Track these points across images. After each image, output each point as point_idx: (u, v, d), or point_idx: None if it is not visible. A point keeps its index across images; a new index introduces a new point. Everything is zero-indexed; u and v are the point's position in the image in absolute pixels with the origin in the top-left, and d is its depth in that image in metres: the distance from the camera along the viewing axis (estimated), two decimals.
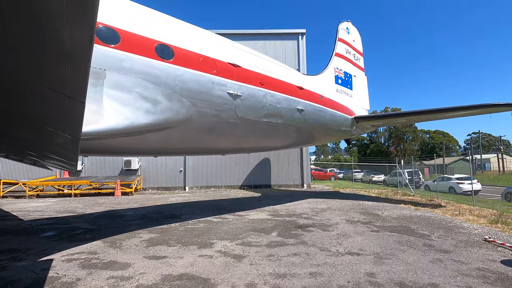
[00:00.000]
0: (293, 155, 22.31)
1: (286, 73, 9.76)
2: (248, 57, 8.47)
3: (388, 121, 14.82)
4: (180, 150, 8.67)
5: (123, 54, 5.76)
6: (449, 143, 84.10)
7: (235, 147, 9.65)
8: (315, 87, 11.35)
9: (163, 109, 6.49)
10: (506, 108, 10.94)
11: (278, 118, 9.27)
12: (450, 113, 12.23)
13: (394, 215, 9.56)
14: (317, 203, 12.90)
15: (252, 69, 8.33)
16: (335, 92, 14.50)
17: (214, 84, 7.25)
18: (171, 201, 14.48)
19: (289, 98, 9.50)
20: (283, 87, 9.34)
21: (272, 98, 8.86)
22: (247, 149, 10.60)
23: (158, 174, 21.84)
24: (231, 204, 13.05)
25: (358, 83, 16.70)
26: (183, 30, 7.12)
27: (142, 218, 9.78)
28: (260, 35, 23.22)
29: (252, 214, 10.18)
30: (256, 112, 8.47)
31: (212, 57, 7.32)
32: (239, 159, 22.04)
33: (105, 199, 15.73)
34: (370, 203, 12.81)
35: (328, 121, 11.81)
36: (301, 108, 10.00)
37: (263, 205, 12.28)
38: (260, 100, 8.47)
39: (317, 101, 10.93)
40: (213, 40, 7.78)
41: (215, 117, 7.55)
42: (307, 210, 10.78)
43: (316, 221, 8.76)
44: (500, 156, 53.68)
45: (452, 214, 9.92)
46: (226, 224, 8.48)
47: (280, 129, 9.72)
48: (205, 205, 12.84)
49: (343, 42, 15.86)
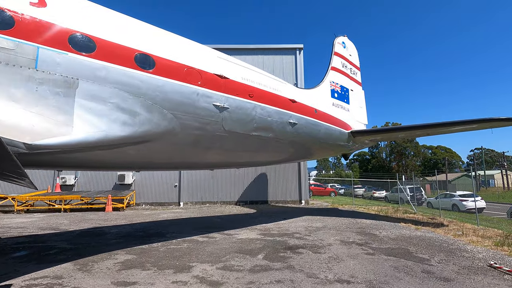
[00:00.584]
0: (291, 170, 21.79)
1: (277, 86, 9.46)
2: (236, 68, 8.20)
3: (386, 135, 14.39)
4: (164, 164, 8.25)
5: (98, 63, 5.47)
6: (452, 159, 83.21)
7: (223, 161, 9.22)
8: (309, 100, 11.03)
9: (142, 121, 6.13)
10: (507, 122, 10.52)
11: (268, 131, 8.89)
12: (449, 128, 11.81)
13: (392, 236, 8.96)
14: (313, 221, 12.30)
15: (240, 81, 8.03)
16: (331, 106, 14.20)
17: (199, 95, 6.92)
18: (161, 217, 13.91)
19: (281, 111, 9.15)
20: (274, 99, 9.02)
21: (262, 111, 8.51)
22: (237, 163, 10.16)
23: (152, 189, 21.33)
24: (222, 221, 12.47)
25: (355, 97, 16.42)
26: (165, 40, 6.88)
27: (125, 236, 9.24)
28: (258, 50, 23.29)
29: (242, 233, 9.61)
30: (244, 125, 8.10)
31: (197, 68, 7.04)
32: (235, 174, 21.54)
33: (94, 215, 15.18)
34: (368, 221, 12.19)
35: (323, 135, 11.41)
36: (293, 121, 9.64)
37: (255, 223, 11.70)
38: (249, 113, 8.12)
39: (310, 114, 10.58)
40: (198, 51, 7.52)
41: (200, 130, 7.18)
42: (301, 229, 10.19)
43: (308, 241, 8.19)
44: (504, 173, 52.67)
45: (454, 235, 9.31)
46: (211, 245, 7.93)
47: (271, 143, 9.32)
48: (195, 222, 12.27)
49: (339, 56, 15.72)
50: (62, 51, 5.07)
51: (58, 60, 5.01)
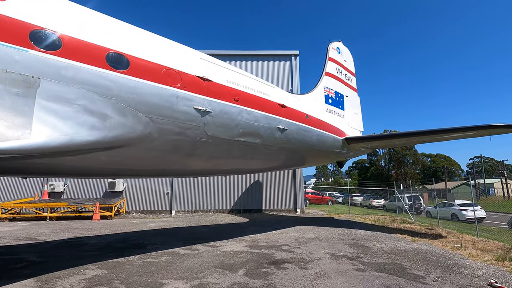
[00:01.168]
0: (286, 178, 21.28)
1: (266, 90, 9.07)
2: (221, 71, 7.81)
3: (382, 142, 13.96)
4: (142, 172, 7.76)
5: (64, 62, 5.05)
6: (451, 167, 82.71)
7: (208, 168, 8.75)
8: (300, 105, 10.64)
9: (114, 125, 5.69)
10: (506, 129, 10.12)
11: (256, 137, 8.45)
12: (446, 135, 11.39)
13: (386, 248, 8.44)
14: (305, 231, 11.75)
15: (225, 84, 7.64)
16: (325, 112, 13.81)
17: (178, 98, 6.51)
18: (148, 227, 13.35)
19: (269, 116, 8.74)
20: (262, 104, 8.61)
21: (249, 115, 8.09)
22: (222, 171, 9.68)
23: (143, 197, 20.77)
24: (210, 231, 11.92)
25: (350, 103, 16.06)
26: (142, 39, 6.49)
27: (103, 248, 8.70)
28: (253, 56, 23.05)
29: (228, 244, 9.08)
30: (229, 130, 7.67)
31: (177, 69, 6.64)
32: (229, 182, 21.01)
33: (79, 224, 14.61)
34: (363, 232, 11.65)
35: (316, 142, 10.97)
36: (283, 127, 9.22)
37: (245, 234, 11.15)
38: (234, 117, 7.70)
39: (301, 120, 10.16)
40: (179, 51, 7.14)
41: (180, 135, 6.74)
42: (291, 241, 9.66)
43: (296, 255, 7.66)
44: (504, 181, 52.12)
45: (453, 248, 8.79)
46: (192, 258, 7.40)
47: (259, 150, 8.87)
48: (181, 232, 11.72)
49: (334, 62, 15.41)
50: (21, 47, 4.66)
51: (17, 57, 4.60)
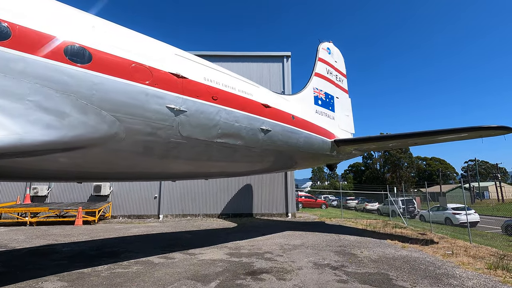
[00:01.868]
0: (277, 181, 20.83)
1: (248, 89, 8.64)
2: (197, 67, 7.36)
3: (372, 144, 13.56)
4: (111, 175, 7.24)
5: (13, 54, 4.57)
6: (446, 171, 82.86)
7: (184, 171, 8.24)
8: (286, 106, 10.23)
9: (74, 123, 5.20)
10: (499, 131, 9.78)
11: (236, 139, 8.00)
12: (438, 137, 11.02)
13: (374, 256, 7.99)
14: (292, 237, 11.28)
15: (202, 82, 7.19)
16: (314, 113, 13.42)
17: (148, 96, 6.04)
18: (130, 232, 12.78)
19: (251, 117, 8.29)
20: (244, 103, 8.17)
21: (228, 115, 7.64)
22: (201, 174, 9.19)
23: (130, 201, 20.18)
24: (193, 237, 11.40)
25: (341, 105, 15.71)
26: (108, 32, 6.02)
27: (74, 256, 8.15)
28: (245, 57, 22.71)
29: (208, 252, 8.57)
30: (206, 131, 7.21)
31: (148, 64, 6.18)
32: (219, 186, 20.51)
33: (60, 229, 13.99)
34: (353, 238, 11.21)
35: (303, 144, 10.54)
36: (266, 128, 8.78)
37: (228, 240, 10.65)
38: (212, 117, 7.24)
39: (287, 121, 9.74)
40: (150, 46, 6.68)
41: (152, 135, 6.26)
42: (275, 248, 9.18)
43: (277, 263, 7.18)
44: (498, 184, 52.14)
45: (444, 255, 8.37)
46: (165, 268, 6.88)
47: (241, 152, 8.42)
48: (163, 238, 11.18)
49: (324, 62, 15.06)
50: None
51: None
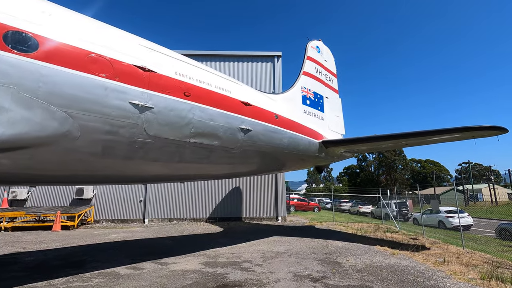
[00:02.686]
0: (267, 184, 20.24)
1: (227, 86, 8.06)
2: (168, 61, 6.77)
3: (362, 145, 13.01)
4: (67, 178, 6.57)
5: None
6: (441, 173, 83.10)
7: (156, 174, 7.60)
8: (269, 104, 9.68)
9: (15, 120, 4.56)
10: (492, 132, 9.32)
11: (213, 139, 7.41)
12: (429, 137, 10.53)
13: (360, 265, 7.43)
14: (278, 243, 10.68)
15: (172, 76, 6.60)
16: (302, 113, 12.89)
17: (107, 90, 5.43)
18: (108, 239, 12.07)
19: (229, 115, 7.72)
20: (221, 101, 7.60)
21: (202, 113, 7.05)
22: (176, 177, 8.53)
23: (114, 205, 19.42)
24: (173, 244, 10.74)
25: (331, 105, 15.22)
26: (60, 18, 5.40)
27: (35, 267, 7.45)
28: (234, 57, 22.19)
29: (182, 261, 7.93)
30: (177, 130, 6.61)
31: (108, 56, 5.58)
32: (207, 189, 19.86)
33: (34, 236, 13.22)
34: (341, 244, 10.64)
35: (287, 144, 9.99)
36: (246, 127, 8.21)
37: (209, 247, 10.02)
38: (183, 115, 6.65)
39: (269, 120, 9.18)
40: (112, 36, 6.07)
41: (112, 134, 5.64)
42: (256, 256, 8.57)
43: (254, 275, 6.58)
44: (492, 187, 52.17)
45: (434, 263, 7.84)
46: (129, 280, 6.24)
47: (218, 153, 7.82)
48: (140, 245, 10.51)
49: (313, 61, 14.56)
50: None
51: None
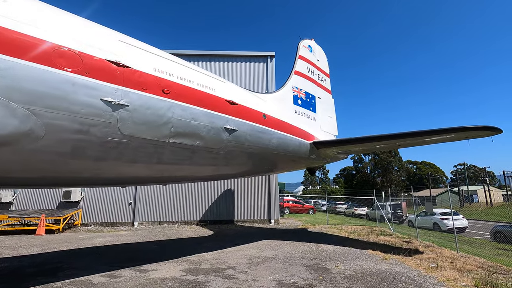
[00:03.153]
0: (260, 186, 19.89)
1: (210, 83, 7.70)
2: (146, 56, 6.40)
3: (355, 147, 12.72)
4: (33, 180, 6.14)
5: None
6: (436, 174, 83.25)
7: (134, 176, 7.19)
8: (257, 104, 9.33)
9: None
10: (486, 132, 9.05)
11: (195, 139, 7.04)
12: (423, 137, 10.24)
13: (349, 271, 7.08)
14: (267, 247, 10.31)
15: (150, 73, 6.23)
16: (293, 113, 12.58)
17: (75, 86, 5.04)
18: (91, 243, 11.62)
19: (212, 114, 7.35)
20: (203, 99, 7.23)
21: (183, 112, 6.69)
22: (154, 179, 8.12)
23: (103, 207, 18.93)
24: (158, 249, 10.32)
25: (323, 105, 14.92)
26: (25, 8, 5.01)
27: (6, 275, 7.01)
28: (227, 57, 21.87)
29: (163, 268, 7.53)
30: (155, 129, 6.23)
31: (77, 49, 5.19)
32: (198, 191, 19.47)
33: (15, 240, 12.72)
34: (332, 248, 10.30)
35: (276, 145, 9.64)
36: (231, 127, 7.85)
37: (195, 252, 9.62)
38: (162, 113, 6.27)
39: (257, 120, 8.83)
40: (84, 29, 5.68)
41: (81, 133, 5.25)
42: (242, 261, 8.19)
43: (235, 283, 6.19)
44: (487, 188, 52.25)
45: (427, 268, 7.52)
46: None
47: (201, 154, 7.44)
48: (123, 250, 10.08)
49: (305, 60, 14.27)
50: None
51: None
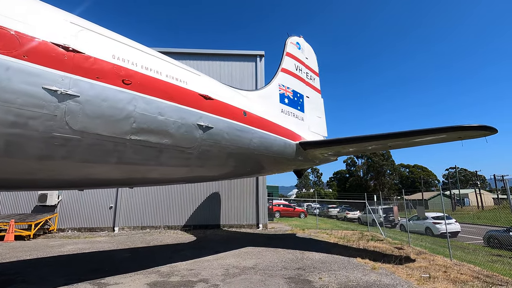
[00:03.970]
0: (247, 189, 19.14)
1: (181, 75, 6.97)
2: (104, 42, 5.64)
3: (343, 148, 11.99)
4: None
5: None
6: (428, 178, 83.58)
7: (84, 177, 6.29)
8: (237, 100, 8.64)
9: None
10: (480, 132, 8.48)
11: (162, 136, 6.29)
12: (414, 138, 9.64)
13: (333, 285, 6.38)
14: (248, 256, 9.57)
15: (108, 60, 5.48)
16: (279, 112, 11.93)
17: (9, 71, 4.28)
18: (59, 251, 10.70)
19: (182, 109, 6.62)
20: (172, 92, 6.50)
21: (148, 106, 5.94)
22: (114, 181, 7.25)
23: (82, 212, 17.91)
24: (129, 258, 9.49)
25: (312, 105, 14.32)
26: None
27: None
28: (215, 55, 21.18)
29: (127, 281, 6.72)
30: (114, 124, 5.46)
31: (14, 29, 4.45)
32: (184, 194, 18.63)
33: None
34: (318, 256, 9.61)
35: (257, 145, 8.94)
36: (206, 124, 7.12)
37: (170, 261, 8.82)
38: (121, 106, 5.52)
39: (236, 117, 8.13)
40: (27, 8, 4.92)
41: (18, 128, 4.48)
42: (217, 272, 7.43)
43: None
44: (478, 192, 52.38)
45: (419, 279, 6.87)
46: None
47: (170, 153, 6.68)
48: (89, 260, 9.21)
49: (293, 58, 13.67)
50: None
51: None
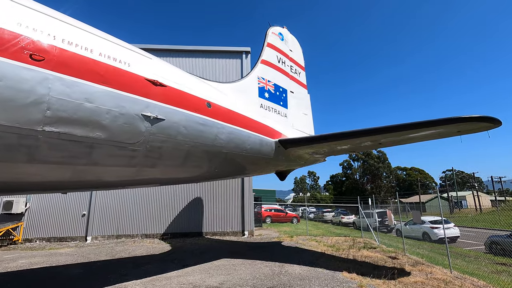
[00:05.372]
0: (232, 194, 17.85)
1: (122, 55, 5.70)
2: (7, 5, 4.42)
3: (331, 144, 10.56)
4: None
5: None
6: (425, 180, 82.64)
7: None
8: (200, 89, 7.41)
9: None
10: (481, 125, 7.27)
11: (91, 128, 5.00)
12: (407, 132, 8.39)
13: None
14: (218, 271, 8.26)
15: (9, 28, 4.25)
16: (258, 107, 10.73)
17: None
18: (4, 268, 9.34)
19: (121, 95, 5.35)
20: (106, 74, 5.23)
21: (68, 89, 4.67)
22: (27, 185, 5.80)
23: (52, 220, 16.49)
24: (78, 275, 8.13)
25: (297, 101, 13.14)
26: None
27: None
28: (199, 52, 20.04)
29: None
30: (16, 111, 4.20)
31: None
32: (164, 199, 17.30)
33: None
34: (299, 269, 8.32)
35: (225, 142, 7.68)
36: (154, 115, 5.85)
37: (124, 279, 7.49)
38: (28, 88, 4.24)
39: (196, 109, 6.88)
40: None
41: None
42: None
43: None
44: (476, 194, 51.41)
45: None
46: None
47: (106, 150, 5.39)
48: (30, 278, 7.85)
49: (275, 49, 12.50)
50: None
51: None
